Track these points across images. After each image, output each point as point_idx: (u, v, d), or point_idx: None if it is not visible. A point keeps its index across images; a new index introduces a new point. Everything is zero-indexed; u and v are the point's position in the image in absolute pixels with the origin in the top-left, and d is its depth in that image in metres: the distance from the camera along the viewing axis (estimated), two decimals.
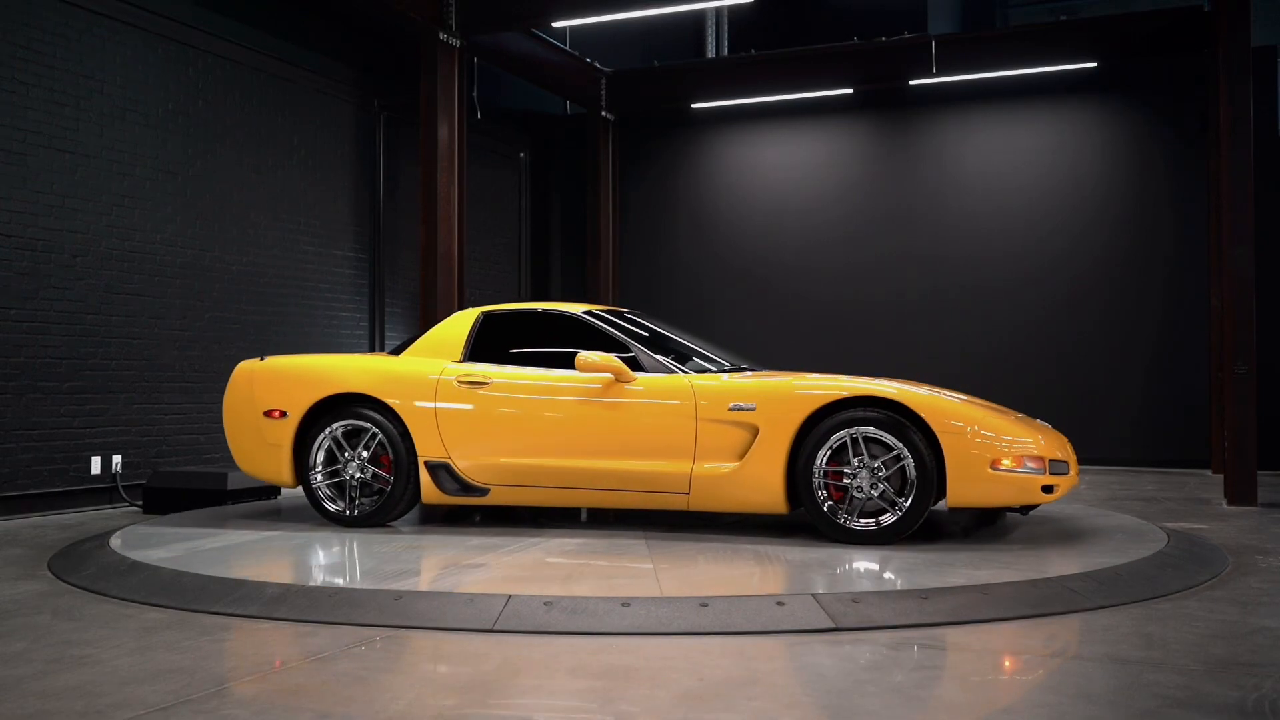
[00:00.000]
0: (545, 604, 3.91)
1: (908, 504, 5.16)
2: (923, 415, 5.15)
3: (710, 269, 13.05)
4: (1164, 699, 2.95)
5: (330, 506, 6.00)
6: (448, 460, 5.83)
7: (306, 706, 2.92)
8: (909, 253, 12.23)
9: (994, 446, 5.13)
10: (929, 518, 5.50)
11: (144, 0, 8.04)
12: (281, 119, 9.35)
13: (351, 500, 5.97)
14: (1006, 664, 3.31)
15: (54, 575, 4.94)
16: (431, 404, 5.86)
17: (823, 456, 5.24)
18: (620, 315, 6.29)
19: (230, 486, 7.29)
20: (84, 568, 4.93)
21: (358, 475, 5.95)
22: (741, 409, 5.41)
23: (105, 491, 7.70)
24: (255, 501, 7.40)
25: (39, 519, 7.05)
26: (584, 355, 5.56)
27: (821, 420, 5.28)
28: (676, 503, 5.55)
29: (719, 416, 5.44)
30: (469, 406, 5.84)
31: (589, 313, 6.09)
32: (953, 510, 5.30)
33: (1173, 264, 11.24)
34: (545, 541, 5.38)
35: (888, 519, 5.20)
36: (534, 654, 3.46)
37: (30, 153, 7.22)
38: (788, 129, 12.89)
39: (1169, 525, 6.32)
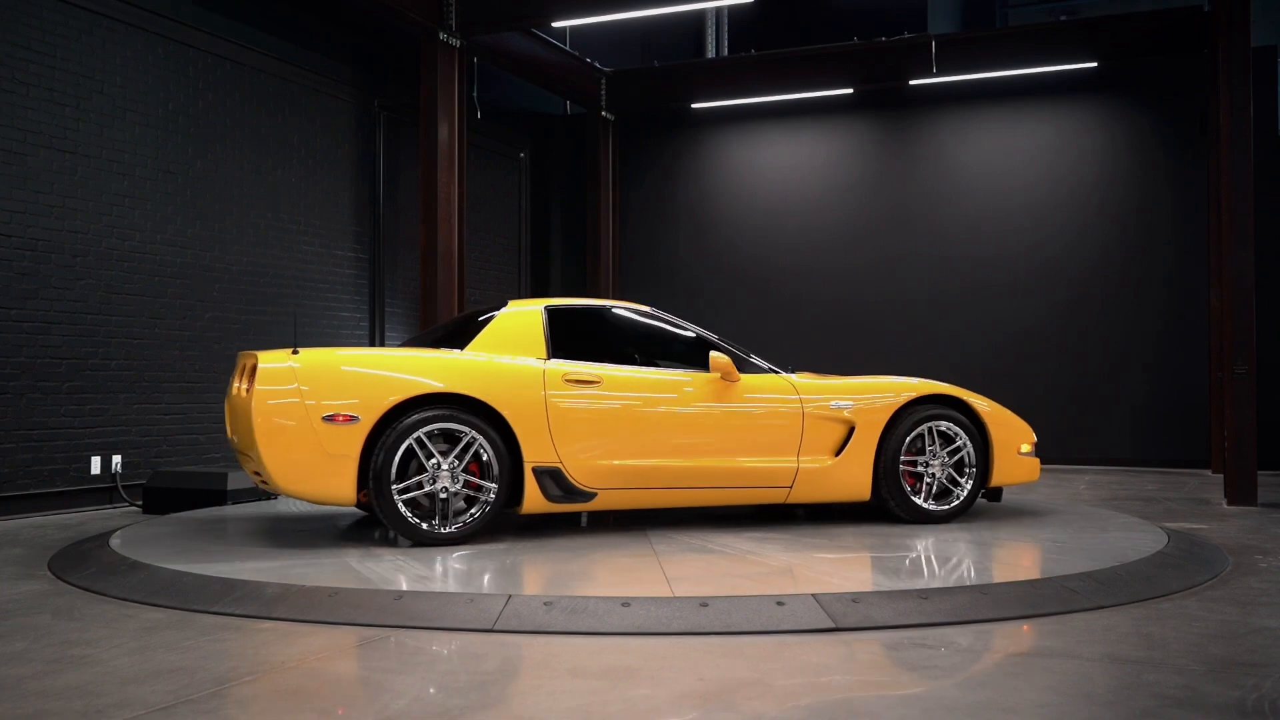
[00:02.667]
0: (545, 604, 3.91)
1: (969, 485, 6.12)
2: (977, 410, 6.17)
3: (710, 269, 13.05)
4: (1164, 699, 2.95)
5: (420, 524, 5.17)
6: (559, 465, 5.41)
7: (306, 706, 2.92)
8: (909, 253, 12.23)
9: (1017, 435, 6.29)
10: (919, 517, 6.08)
11: (144, 0, 8.04)
12: (281, 119, 9.35)
13: (444, 515, 5.21)
14: (1007, 664, 3.31)
15: (54, 575, 4.94)
16: (541, 405, 5.41)
17: (904, 448, 6.00)
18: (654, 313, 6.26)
19: (230, 486, 7.29)
20: (84, 568, 4.93)
21: (449, 486, 5.21)
22: (841, 407, 6.00)
23: (105, 491, 7.70)
24: (255, 502, 7.40)
25: (39, 519, 7.05)
26: (716, 355, 5.76)
27: (901, 416, 6.01)
28: (778, 496, 5.94)
29: (822, 414, 5.96)
30: (581, 406, 5.50)
31: (643, 311, 6.14)
32: (989, 492, 6.38)
33: (1173, 264, 11.24)
34: (547, 542, 5.38)
35: (954, 500, 6.11)
36: (534, 654, 3.46)
37: (30, 153, 7.22)
38: (788, 129, 12.89)
39: (1169, 525, 6.32)
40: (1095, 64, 11.18)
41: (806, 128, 12.82)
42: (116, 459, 7.75)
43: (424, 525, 5.17)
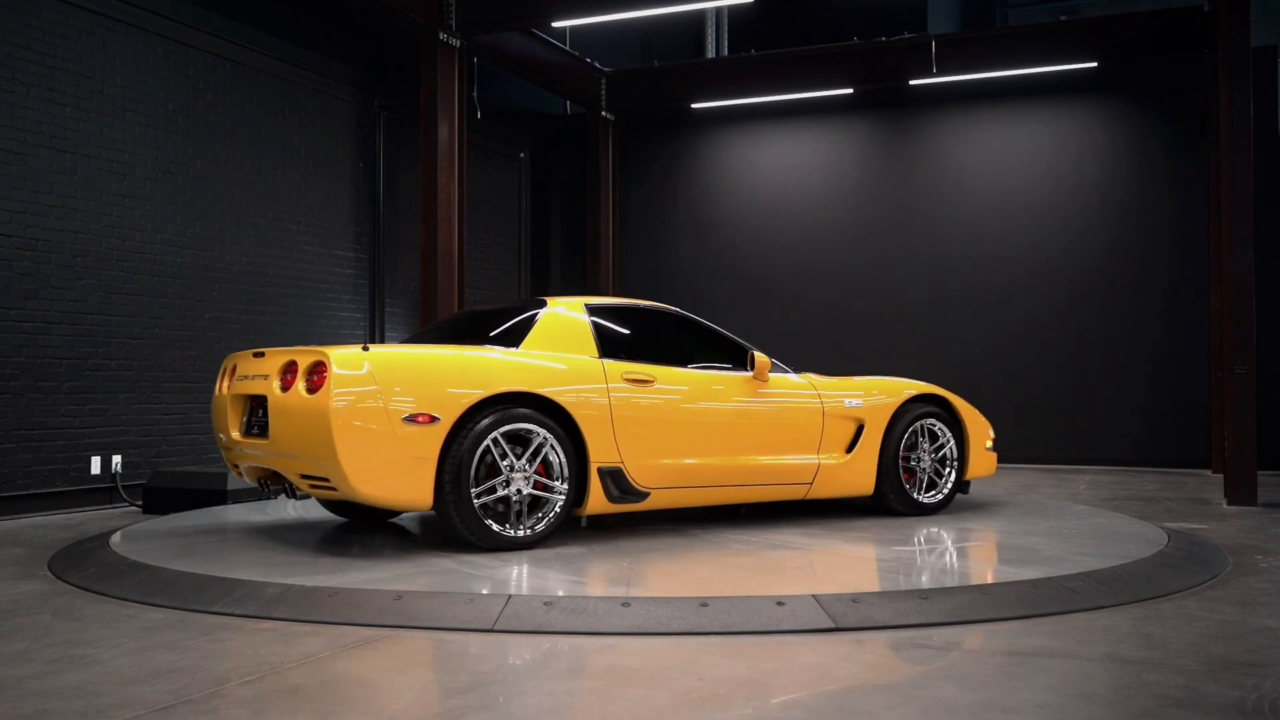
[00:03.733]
0: (545, 604, 3.91)
1: (952, 478, 6.59)
2: (957, 408, 6.66)
3: (710, 269, 13.06)
4: (1164, 699, 2.95)
5: (500, 530, 5.01)
6: (620, 465, 5.37)
7: (306, 706, 2.92)
8: (908, 253, 12.23)
9: (983, 431, 6.80)
10: (928, 517, 6.38)
11: (144, 0, 8.04)
12: (281, 119, 9.35)
13: (518, 519, 5.07)
14: (1006, 664, 3.31)
15: (54, 575, 4.94)
16: (606, 404, 5.36)
17: (903, 444, 6.39)
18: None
19: (230, 486, 7.28)
20: (84, 568, 4.93)
21: (523, 489, 5.07)
22: (853, 405, 6.32)
23: (105, 491, 7.70)
24: (255, 501, 7.40)
25: (39, 519, 7.05)
26: (760, 356, 5.96)
27: (899, 415, 6.39)
28: (799, 493, 6.17)
29: (838, 412, 6.26)
30: (639, 405, 5.49)
31: (671, 310, 6.20)
32: (962, 485, 6.70)
33: (1173, 264, 11.25)
34: (543, 546, 5.38)
35: (940, 493, 6.56)
36: (534, 654, 3.46)
37: (30, 153, 7.22)
38: (788, 129, 12.89)
39: (1169, 525, 6.32)
40: (1095, 64, 11.18)
41: (806, 128, 12.82)
42: (116, 459, 7.75)
43: (501, 530, 5.02)
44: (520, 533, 5.07)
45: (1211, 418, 10.35)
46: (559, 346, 5.45)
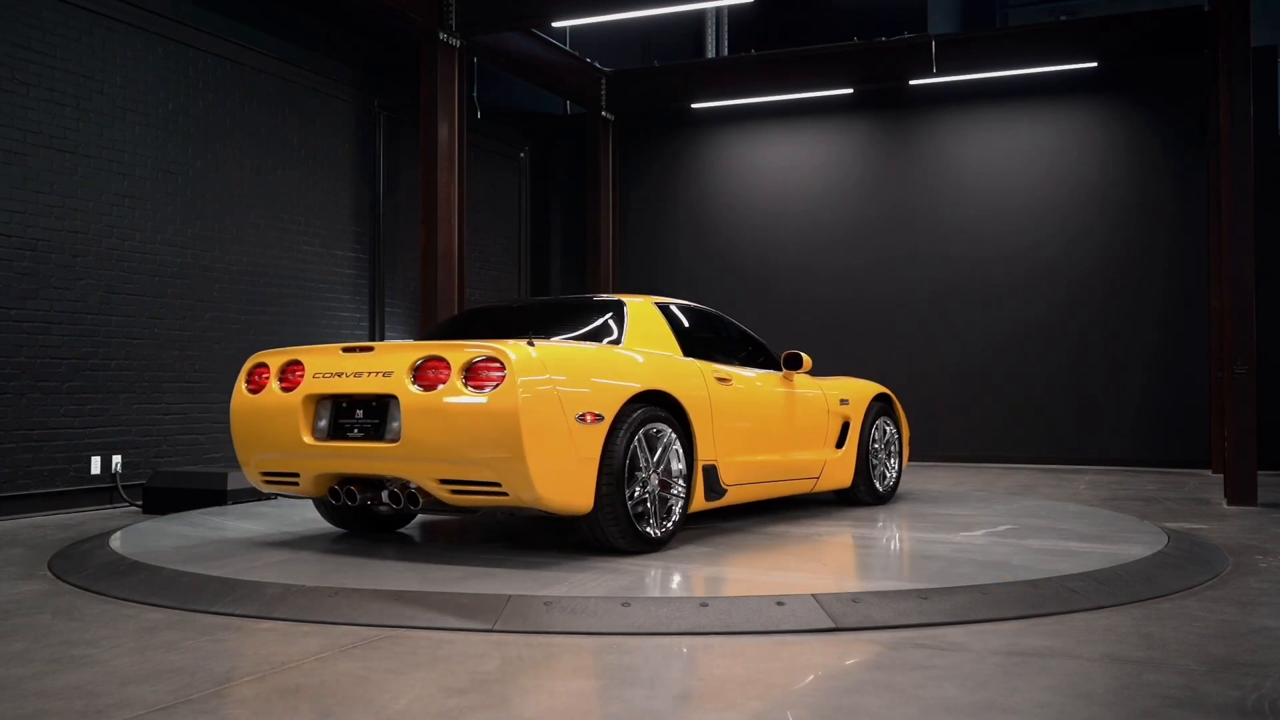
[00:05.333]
0: (545, 604, 3.91)
1: (897, 467, 7.33)
2: (897, 406, 7.37)
3: (710, 269, 13.06)
4: (1164, 699, 2.95)
5: (645, 530, 4.91)
6: (715, 462, 5.41)
7: (306, 706, 2.92)
8: (908, 253, 12.23)
9: (906, 425, 7.53)
10: (878, 500, 7.14)
11: (144, 0, 8.04)
12: (281, 119, 9.35)
13: (652, 520, 4.96)
14: (1006, 664, 3.31)
15: (54, 575, 4.94)
16: (708, 402, 5.38)
17: (871, 438, 6.97)
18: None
19: (230, 486, 7.29)
20: (84, 568, 4.93)
21: (652, 488, 4.98)
22: (844, 404, 6.77)
23: (105, 491, 7.70)
24: (255, 501, 7.40)
25: (39, 519, 7.05)
26: (806, 357, 6.29)
27: (868, 412, 6.94)
28: (809, 487, 6.50)
29: (836, 410, 6.69)
30: (728, 404, 5.56)
31: (710, 310, 6.39)
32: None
33: (1173, 264, 11.25)
34: (543, 544, 5.37)
35: (890, 482, 7.24)
36: (534, 654, 3.45)
37: (30, 153, 7.22)
38: (788, 129, 12.89)
39: (1169, 525, 6.32)
40: (1095, 64, 11.18)
41: (806, 128, 12.82)
42: (116, 459, 7.75)
43: (643, 531, 4.89)
44: (658, 533, 4.98)
45: (1211, 418, 10.35)
46: (648, 344, 5.39)
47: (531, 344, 4.63)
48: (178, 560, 4.80)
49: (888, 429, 7.21)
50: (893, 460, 7.27)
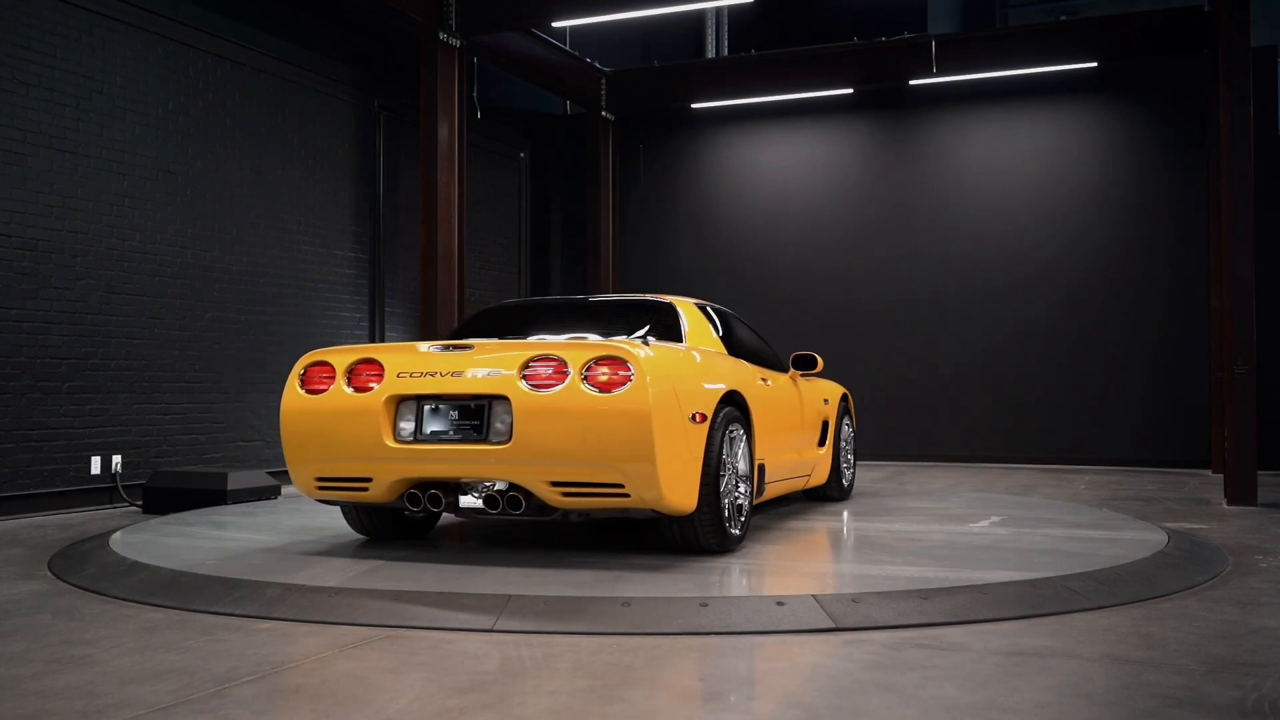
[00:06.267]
0: (545, 604, 3.91)
1: (855, 464, 7.66)
2: (852, 404, 7.71)
3: (710, 269, 13.05)
4: (1164, 699, 2.95)
5: (731, 529, 4.92)
6: (764, 461, 5.46)
7: (306, 706, 2.92)
8: (908, 253, 12.23)
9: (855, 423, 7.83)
10: (843, 495, 7.38)
11: (144, 0, 8.04)
12: (281, 119, 9.35)
13: (730, 517, 4.94)
14: (1006, 664, 3.31)
15: (54, 575, 4.94)
16: (760, 403, 5.41)
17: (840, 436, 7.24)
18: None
19: (230, 486, 7.29)
20: (84, 568, 4.93)
21: (730, 487, 4.97)
22: (826, 403, 6.96)
23: (105, 491, 7.70)
24: (255, 501, 7.40)
25: (39, 519, 7.05)
26: (819, 359, 6.43)
27: (839, 411, 7.23)
28: (803, 484, 6.64)
29: (822, 409, 6.87)
30: (772, 404, 5.70)
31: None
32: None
33: (1173, 264, 11.25)
34: (543, 544, 5.38)
35: (851, 478, 7.57)
36: (534, 654, 3.45)
37: (30, 153, 7.22)
38: (788, 129, 12.89)
39: (1169, 525, 6.32)
40: (1095, 64, 11.18)
41: (806, 128, 12.82)
42: (116, 459, 7.75)
43: (732, 531, 4.90)
44: (737, 530, 4.99)
45: (1211, 418, 10.34)
46: (702, 345, 5.37)
47: (647, 343, 4.63)
48: (178, 560, 4.80)
49: (847, 427, 7.53)
50: (850, 458, 7.60)
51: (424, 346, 4.87)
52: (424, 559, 4.87)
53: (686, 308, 5.61)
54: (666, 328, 5.36)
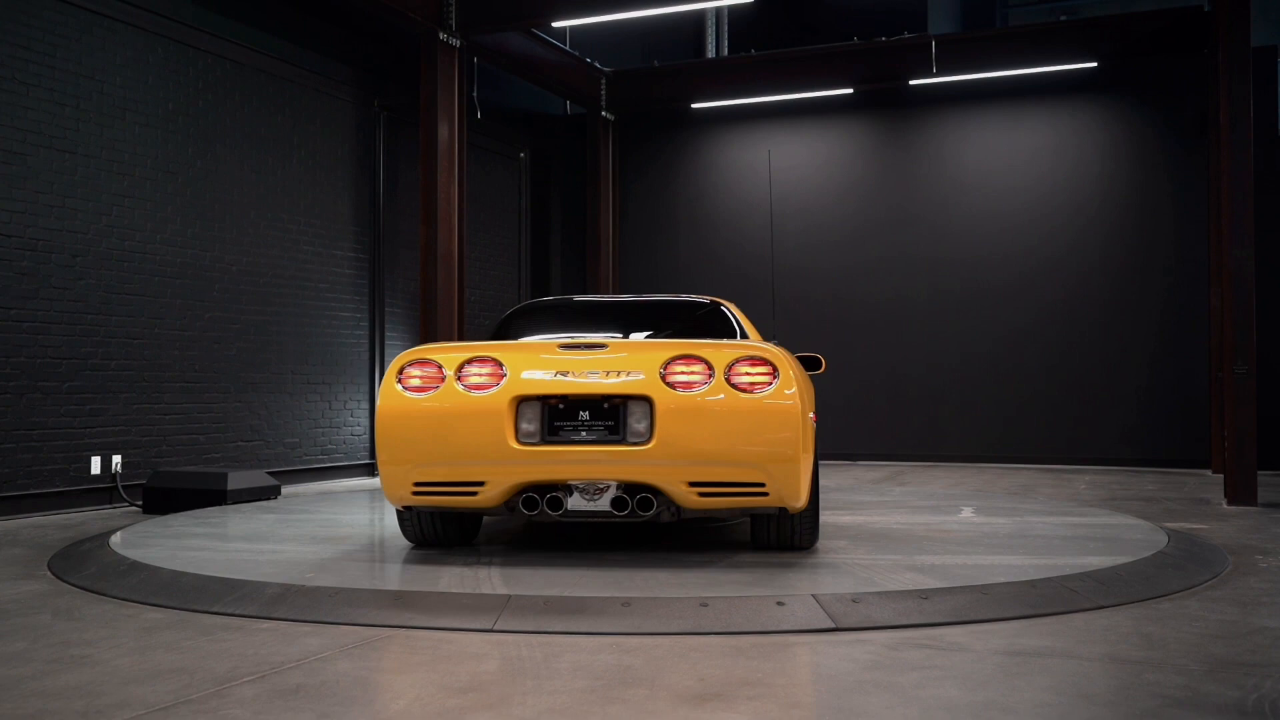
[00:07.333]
0: (545, 604, 3.91)
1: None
2: None
3: (710, 269, 13.05)
4: (1164, 699, 2.95)
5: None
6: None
7: (306, 706, 2.92)
8: (908, 253, 12.23)
9: None
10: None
11: (144, 0, 8.04)
12: (281, 119, 9.35)
13: None
14: (1006, 664, 3.31)
15: (54, 575, 4.94)
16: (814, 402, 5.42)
17: None
18: None
19: (230, 486, 7.29)
20: (84, 568, 4.93)
21: None
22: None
23: (105, 491, 7.70)
24: (255, 502, 7.40)
25: (39, 519, 7.05)
26: (823, 360, 6.09)
27: None
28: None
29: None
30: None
31: None
32: None
33: (1173, 263, 11.25)
34: (543, 544, 5.37)
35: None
36: (534, 654, 3.45)
37: (30, 153, 7.22)
38: (788, 129, 12.89)
39: (1169, 525, 6.32)
40: (1095, 64, 11.18)
41: (806, 128, 12.82)
42: (116, 459, 7.75)
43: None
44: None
45: (1211, 417, 10.35)
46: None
47: (774, 339, 4.62)
48: (178, 560, 4.80)
49: None
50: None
51: (542, 344, 4.80)
52: (424, 559, 4.87)
53: (732, 308, 5.70)
54: (724, 328, 5.40)
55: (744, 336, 5.42)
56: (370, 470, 10.32)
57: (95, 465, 7.61)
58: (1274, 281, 10.10)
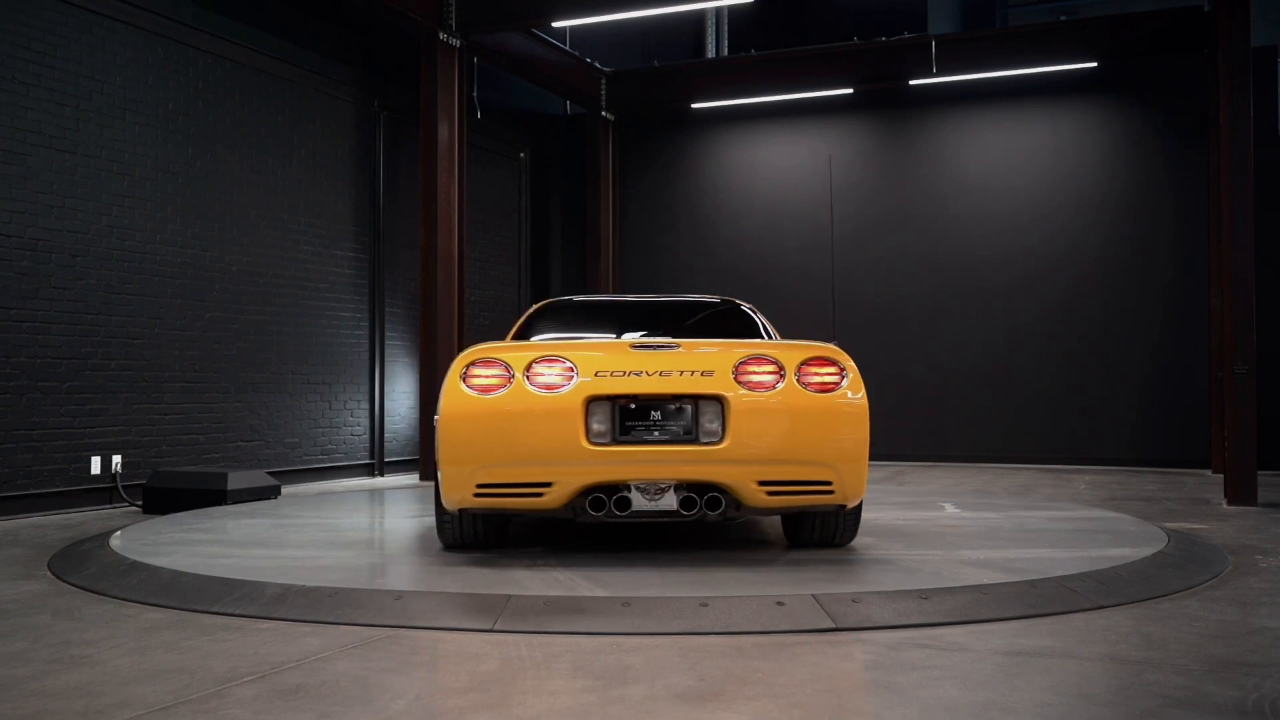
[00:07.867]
0: (545, 604, 3.91)
1: None
2: None
3: (710, 269, 13.05)
4: (1164, 699, 2.95)
5: None
6: None
7: (306, 706, 2.92)
8: (908, 253, 12.23)
9: None
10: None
11: (144, 0, 8.04)
12: (281, 119, 9.35)
13: None
14: (1006, 664, 3.31)
15: (54, 575, 4.94)
16: None
17: None
18: None
19: (230, 486, 7.29)
20: (84, 568, 4.93)
21: None
22: None
23: (105, 491, 7.70)
24: (255, 502, 7.40)
25: (39, 519, 7.05)
26: None
27: None
28: None
29: None
30: None
31: None
32: None
33: (1172, 263, 11.24)
34: (543, 544, 5.38)
35: None
36: (534, 654, 3.45)
37: (30, 153, 7.22)
38: (788, 129, 12.89)
39: (1169, 525, 6.32)
40: (1095, 64, 11.18)
41: (806, 128, 12.82)
42: (116, 459, 7.75)
43: None
44: None
45: (1211, 417, 10.34)
46: None
47: (835, 338, 4.63)
48: (178, 560, 4.80)
49: None
50: None
51: (613, 344, 4.80)
52: (423, 559, 4.87)
53: (753, 309, 5.76)
54: (750, 328, 5.46)
55: (768, 336, 5.46)
56: (370, 470, 10.32)
57: (95, 465, 7.61)
58: (1274, 282, 10.10)
